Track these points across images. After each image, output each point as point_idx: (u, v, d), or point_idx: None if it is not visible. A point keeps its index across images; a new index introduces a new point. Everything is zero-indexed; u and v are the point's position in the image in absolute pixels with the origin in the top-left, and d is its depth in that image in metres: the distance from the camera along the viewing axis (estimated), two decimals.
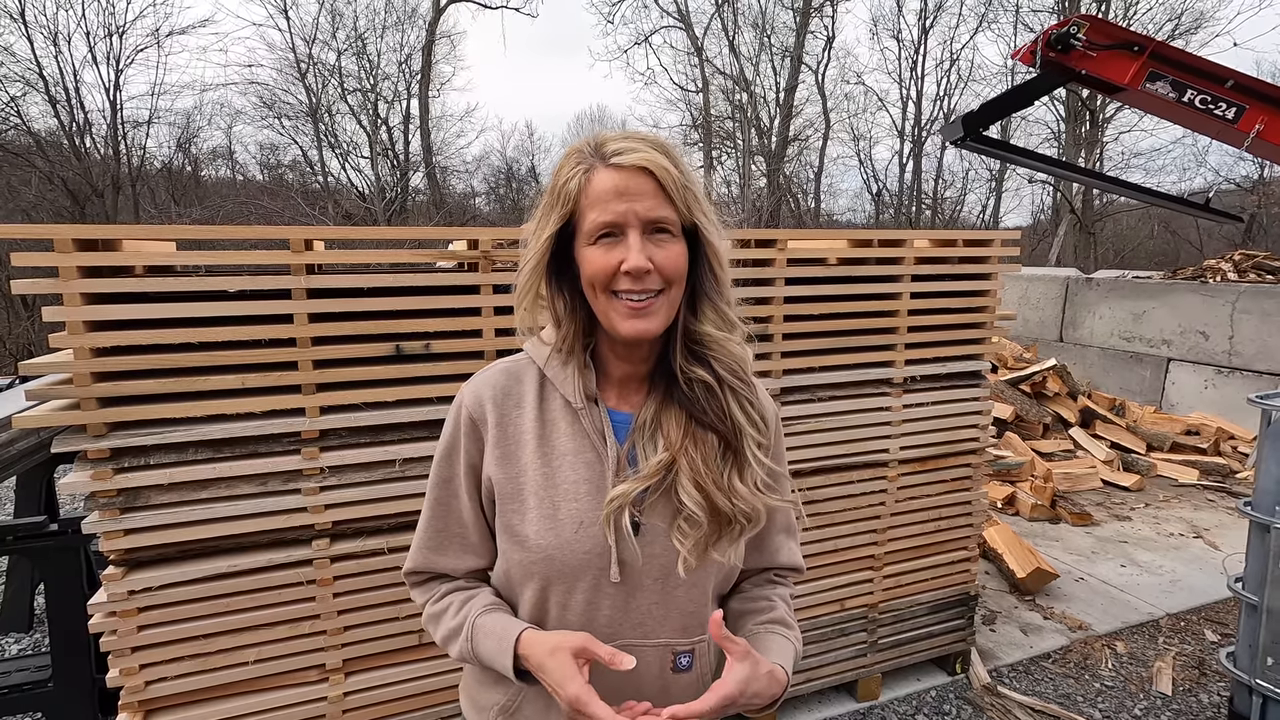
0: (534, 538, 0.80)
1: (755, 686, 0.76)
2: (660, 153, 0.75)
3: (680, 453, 0.79)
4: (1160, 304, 6.16)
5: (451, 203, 17.10)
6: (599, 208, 0.75)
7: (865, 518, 2.32)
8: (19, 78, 11.67)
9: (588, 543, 0.80)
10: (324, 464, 1.65)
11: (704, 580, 0.85)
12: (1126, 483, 4.72)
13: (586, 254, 0.77)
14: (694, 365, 0.81)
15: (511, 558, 0.84)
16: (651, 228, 0.75)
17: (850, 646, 2.40)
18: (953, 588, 2.53)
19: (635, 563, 0.81)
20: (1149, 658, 2.78)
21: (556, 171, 0.79)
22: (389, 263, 1.89)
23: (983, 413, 2.43)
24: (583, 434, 0.82)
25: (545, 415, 0.84)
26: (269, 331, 1.59)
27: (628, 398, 0.86)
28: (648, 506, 0.81)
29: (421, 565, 0.91)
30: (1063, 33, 3.88)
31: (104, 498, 1.52)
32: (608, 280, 0.76)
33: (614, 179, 0.74)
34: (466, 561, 0.90)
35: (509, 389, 0.85)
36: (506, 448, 0.83)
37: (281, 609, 1.67)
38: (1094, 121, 14.96)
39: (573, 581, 0.81)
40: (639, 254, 0.74)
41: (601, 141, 0.77)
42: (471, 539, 0.89)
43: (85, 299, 1.45)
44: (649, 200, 0.74)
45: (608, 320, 0.78)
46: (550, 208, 0.78)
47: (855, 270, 2.17)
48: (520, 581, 0.85)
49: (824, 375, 2.18)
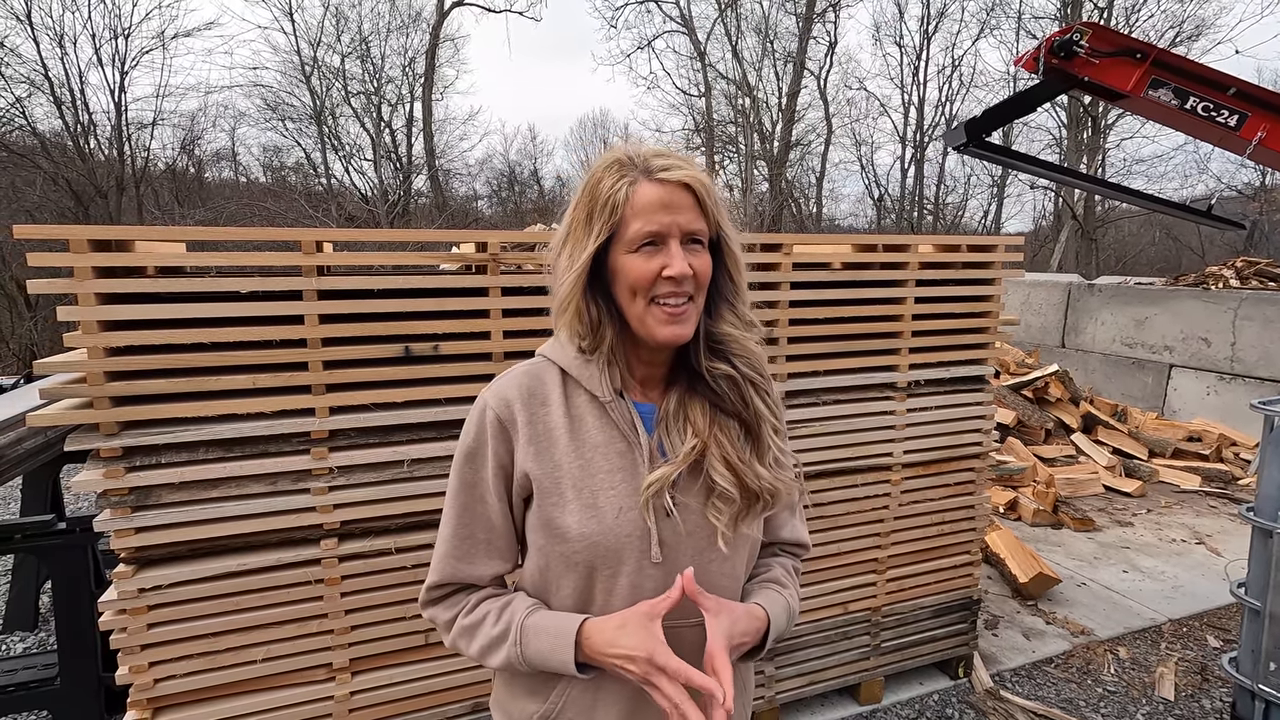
0: (576, 527, 0.83)
1: (739, 628, 0.83)
2: (698, 171, 0.82)
3: (709, 439, 0.85)
4: (1162, 310, 6.17)
5: (454, 206, 17.15)
6: (644, 218, 0.79)
7: (869, 521, 2.33)
8: (25, 79, 11.75)
9: (628, 526, 0.84)
10: (333, 464, 1.66)
11: (737, 554, 0.90)
12: (1128, 488, 4.72)
13: (628, 261, 0.81)
14: (716, 362, 0.87)
15: (551, 552, 0.86)
16: (688, 239, 0.81)
17: (853, 649, 2.41)
18: (956, 592, 2.54)
19: (674, 541, 0.85)
20: (1151, 663, 2.79)
21: (594, 184, 0.82)
22: (393, 265, 1.90)
23: (986, 417, 2.44)
24: (611, 426, 0.86)
25: (572, 411, 0.87)
26: (280, 332, 1.60)
27: (648, 393, 0.91)
28: (681, 488, 0.85)
29: (448, 577, 0.90)
30: (1066, 40, 3.89)
31: (115, 496, 1.53)
32: (649, 286, 0.80)
33: (659, 192, 0.80)
34: (494, 567, 0.91)
35: (534, 389, 0.88)
36: (539, 444, 0.86)
37: (289, 608, 1.68)
38: (1096, 128, 15.00)
39: (616, 565, 0.84)
40: (682, 260, 0.79)
41: (644, 156, 0.82)
42: (499, 543, 0.90)
43: (99, 299, 1.47)
44: (689, 213, 0.81)
45: (644, 326, 0.82)
46: (593, 218, 0.81)
47: (860, 275, 2.19)
48: (561, 574, 0.86)
49: (828, 379, 2.20)
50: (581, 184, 0.84)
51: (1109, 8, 14.45)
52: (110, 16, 12.60)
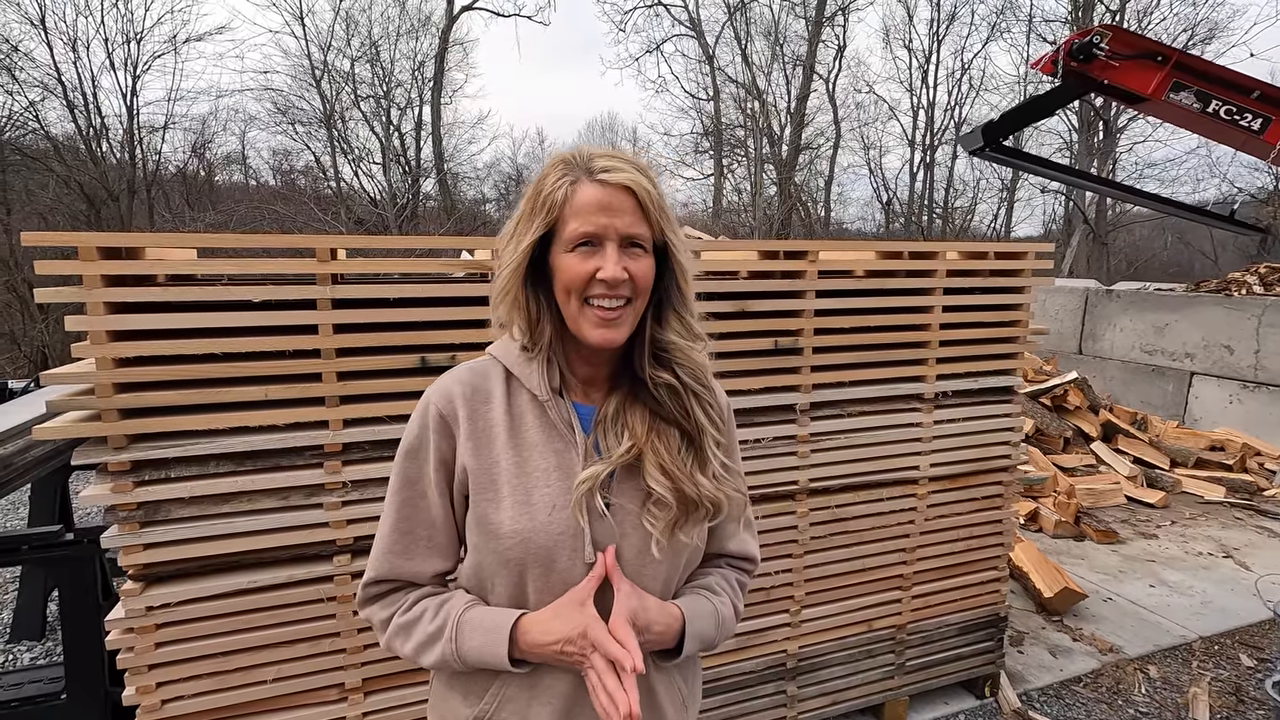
0: (509, 524, 0.83)
1: (650, 615, 0.84)
2: (642, 175, 0.81)
3: (645, 444, 0.85)
4: (1183, 317, 6.06)
5: (462, 209, 17.15)
6: (581, 218, 0.79)
7: (894, 536, 2.26)
8: (38, 83, 11.82)
9: (560, 524, 0.83)
10: (346, 478, 1.61)
11: (673, 561, 0.89)
12: (1151, 499, 4.62)
13: (564, 260, 0.81)
14: (659, 370, 0.86)
15: (485, 549, 0.85)
16: (627, 242, 0.81)
17: (877, 668, 2.33)
18: (982, 608, 2.46)
19: (607, 542, 0.85)
20: (1183, 683, 2.70)
21: (541, 179, 0.83)
22: (400, 272, 1.85)
23: (1014, 429, 2.37)
24: (550, 425, 0.86)
25: (513, 409, 0.87)
26: (293, 342, 1.55)
27: (590, 394, 0.91)
28: (616, 490, 0.86)
29: (386, 573, 0.89)
30: (1085, 42, 3.82)
31: (124, 511, 1.48)
32: (583, 286, 0.80)
33: (598, 194, 0.79)
34: (433, 564, 0.90)
35: (477, 386, 0.88)
36: (478, 440, 0.86)
37: (301, 626, 1.63)
38: (1108, 132, 14.86)
39: (549, 563, 0.83)
40: (615, 265, 0.79)
41: (589, 156, 0.81)
42: (439, 539, 0.89)
43: (108, 308, 1.42)
44: (628, 217, 0.80)
45: (577, 326, 0.83)
46: (534, 214, 0.82)
47: (886, 283, 2.12)
48: (495, 572, 0.86)
49: (854, 390, 2.13)
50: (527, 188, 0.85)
51: (1121, 11, 14.32)
52: (123, 21, 12.68)
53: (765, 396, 2.01)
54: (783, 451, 2.05)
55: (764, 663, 2.16)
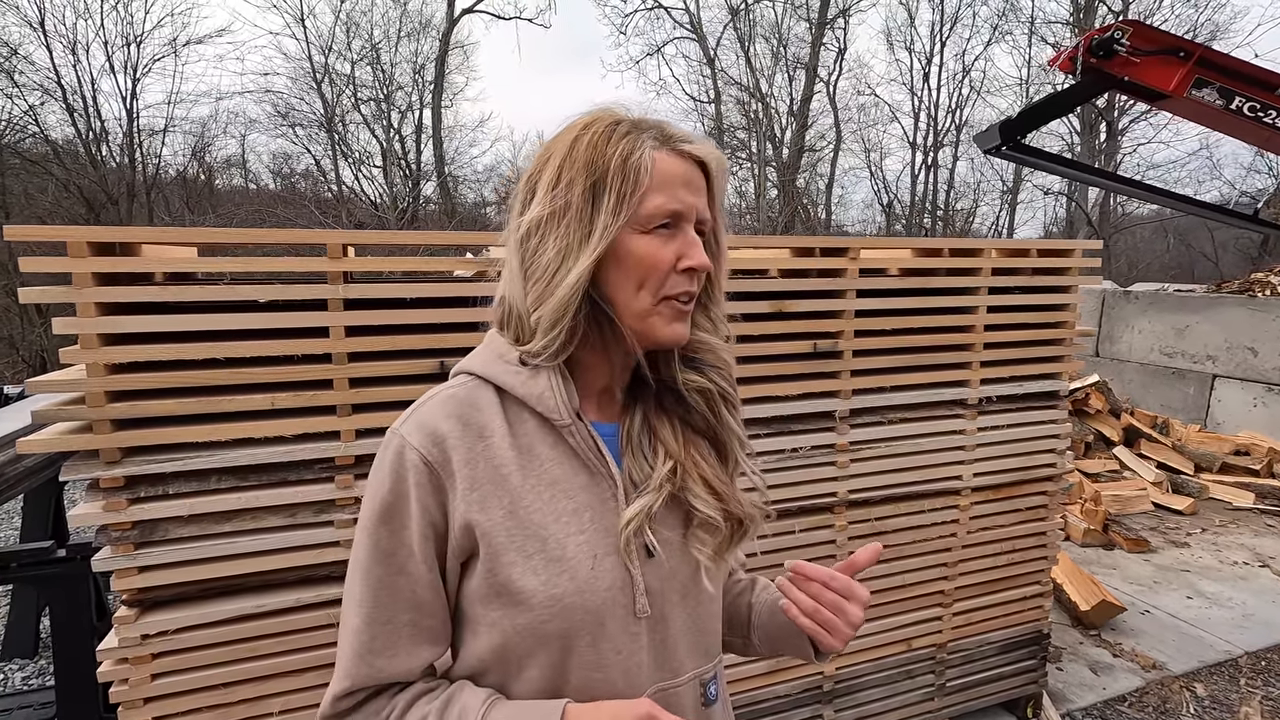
0: (543, 589, 0.66)
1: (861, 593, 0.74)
2: (718, 148, 0.70)
3: (685, 460, 0.72)
4: (1204, 319, 5.94)
5: (463, 213, 17.04)
6: (667, 193, 0.65)
7: (936, 550, 2.13)
8: (38, 86, 11.71)
9: (606, 577, 0.68)
10: (358, 494, 1.49)
11: (719, 590, 0.79)
12: (1179, 506, 4.49)
13: (638, 244, 0.66)
14: (690, 373, 0.74)
15: (509, 627, 0.67)
16: (698, 227, 0.69)
17: (916, 690, 2.21)
18: (1025, 625, 2.33)
19: (658, 586, 0.71)
20: (1233, 701, 2.57)
21: (595, 149, 0.65)
22: (403, 271, 1.73)
23: (1060, 436, 2.25)
24: (569, 455, 0.70)
25: (520, 441, 0.69)
26: (302, 346, 1.43)
27: (604, 410, 0.75)
28: (659, 521, 0.71)
29: (364, 681, 0.67)
30: (1105, 38, 3.72)
31: (117, 531, 1.36)
32: (665, 276, 0.67)
33: (682, 166, 0.67)
34: (422, 655, 0.69)
35: (467, 419, 0.68)
36: (484, 489, 0.67)
37: (309, 654, 1.50)
38: (1111, 133, 14.77)
39: (598, 629, 0.68)
40: (702, 251, 0.68)
41: (656, 123, 0.68)
42: (427, 623, 0.69)
43: (100, 309, 1.30)
44: (703, 198, 0.69)
45: (644, 323, 0.68)
46: (603, 190, 0.64)
47: (927, 283, 2.00)
48: (525, 653, 0.67)
49: (894, 395, 2.01)
50: (557, 153, 0.67)
51: (1123, 12, 14.24)
52: (123, 24, 12.58)
53: (803, 403, 1.89)
54: (822, 461, 1.93)
55: (799, 686, 2.03)
